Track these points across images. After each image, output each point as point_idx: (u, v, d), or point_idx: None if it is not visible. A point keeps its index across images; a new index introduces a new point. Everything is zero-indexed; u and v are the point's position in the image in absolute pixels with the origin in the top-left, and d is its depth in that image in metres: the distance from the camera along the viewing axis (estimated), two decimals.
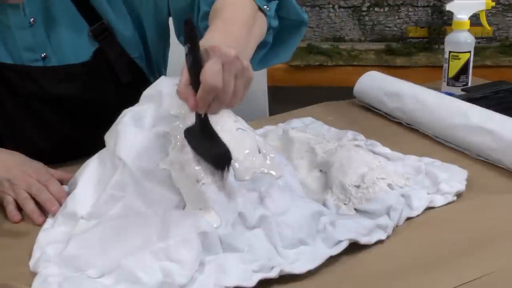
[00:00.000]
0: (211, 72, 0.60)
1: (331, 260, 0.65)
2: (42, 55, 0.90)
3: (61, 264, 0.65)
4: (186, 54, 0.62)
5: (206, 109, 0.63)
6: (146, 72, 1.00)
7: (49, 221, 0.76)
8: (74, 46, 0.92)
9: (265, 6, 0.81)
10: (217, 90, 0.61)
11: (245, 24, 0.74)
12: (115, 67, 0.94)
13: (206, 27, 0.81)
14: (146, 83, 0.85)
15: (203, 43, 0.65)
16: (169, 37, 1.04)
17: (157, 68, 1.05)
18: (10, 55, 0.89)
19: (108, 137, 0.79)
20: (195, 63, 0.61)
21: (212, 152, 0.67)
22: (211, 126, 0.67)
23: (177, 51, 1.12)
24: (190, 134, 0.68)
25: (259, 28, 0.80)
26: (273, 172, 0.72)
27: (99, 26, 0.91)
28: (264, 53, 0.89)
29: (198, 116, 0.66)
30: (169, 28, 1.02)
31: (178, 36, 1.00)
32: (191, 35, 0.61)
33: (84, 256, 0.65)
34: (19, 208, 0.80)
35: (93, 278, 0.62)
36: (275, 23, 0.86)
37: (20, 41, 0.88)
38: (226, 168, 0.67)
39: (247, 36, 0.74)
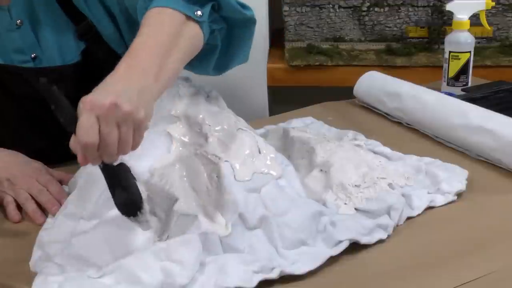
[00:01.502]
0: (82, 129, 0.58)
1: (331, 260, 0.65)
2: (32, 55, 0.90)
3: (61, 264, 0.65)
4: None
5: (96, 163, 0.62)
6: None
7: (49, 221, 0.76)
8: (61, 46, 0.91)
9: (198, 12, 0.74)
10: (93, 145, 0.59)
11: (162, 44, 0.68)
12: (103, 66, 0.94)
13: None
14: None
15: (107, 78, 0.63)
16: None
17: None
18: (1, 57, 0.89)
19: None
20: (69, 121, 0.60)
21: (119, 199, 0.66)
22: (117, 174, 0.65)
23: None
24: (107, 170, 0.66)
25: (189, 38, 0.73)
26: (273, 172, 0.72)
27: (84, 25, 0.91)
28: (216, 56, 0.84)
29: (100, 167, 0.64)
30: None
31: None
32: (50, 97, 0.60)
33: (84, 256, 0.65)
34: (19, 208, 0.80)
35: (93, 278, 0.62)
36: (217, 26, 0.80)
37: (9, 43, 0.88)
38: (133, 216, 0.67)
39: (163, 57, 0.68)
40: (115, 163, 0.64)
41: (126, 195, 0.66)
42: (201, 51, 0.77)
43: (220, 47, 0.83)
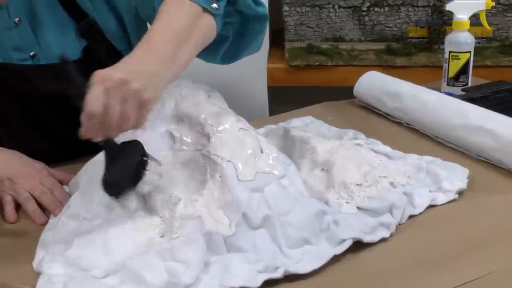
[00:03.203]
0: (89, 98, 0.61)
1: (333, 259, 0.66)
2: (31, 53, 0.90)
3: (65, 264, 0.65)
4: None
5: (94, 136, 0.64)
6: None
7: (52, 221, 0.76)
8: (62, 44, 0.91)
9: (214, 5, 0.76)
10: (96, 115, 0.61)
11: (178, 33, 0.71)
12: (104, 63, 0.94)
13: None
14: None
15: (123, 59, 0.66)
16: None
17: None
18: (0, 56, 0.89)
19: None
20: (79, 96, 0.63)
21: (108, 176, 0.68)
22: (115, 153, 0.68)
23: None
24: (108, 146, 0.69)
25: (204, 29, 0.76)
26: (276, 172, 0.73)
27: (86, 23, 0.91)
28: (225, 47, 0.86)
29: (100, 143, 0.67)
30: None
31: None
32: (65, 72, 0.64)
33: (88, 256, 0.65)
34: (18, 209, 0.80)
35: (98, 278, 0.62)
36: (231, 19, 0.83)
37: (7, 42, 0.88)
38: (115, 197, 0.69)
39: (178, 45, 0.71)
40: (118, 140, 0.67)
41: (116, 176, 0.68)
42: (212, 42, 0.79)
43: (232, 39, 0.86)
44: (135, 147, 0.70)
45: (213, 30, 0.77)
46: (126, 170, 0.69)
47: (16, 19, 0.88)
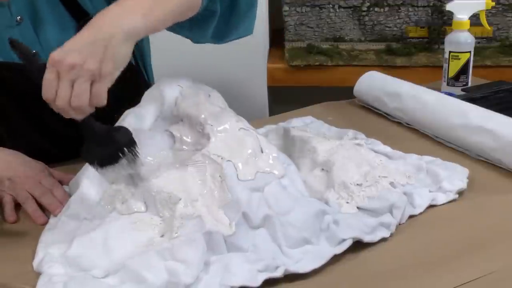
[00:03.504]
0: (43, 84, 0.64)
1: (333, 259, 0.66)
2: (32, 52, 0.90)
3: (65, 264, 0.65)
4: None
5: (73, 116, 0.66)
6: (135, 65, 1.00)
7: (52, 221, 0.76)
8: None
9: None
10: (51, 100, 0.64)
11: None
12: None
13: None
14: (138, 76, 0.84)
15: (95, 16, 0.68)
16: None
17: (143, 59, 1.05)
18: (0, 54, 0.89)
19: None
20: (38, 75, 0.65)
21: (93, 155, 0.71)
22: (88, 131, 0.70)
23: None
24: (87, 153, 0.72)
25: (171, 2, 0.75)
26: (276, 172, 0.73)
27: (86, 21, 0.91)
28: (214, 23, 0.86)
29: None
30: None
31: None
32: (21, 53, 0.66)
33: (88, 256, 0.65)
34: (18, 209, 0.80)
35: (98, 278, 0.62)
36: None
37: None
38: (130, 150, 0.70)
39: (154, 2, 0.71)
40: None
41: (86, 154, 0.71)
42: (200, 16, 0.79)
43: (222, 16, 0.85)
44: (121, 134, 0.72)
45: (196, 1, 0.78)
46: (96, 151, 0.71)
47: (18, 18, 0.88)
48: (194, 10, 0.78)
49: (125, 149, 0.70)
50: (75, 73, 0.63)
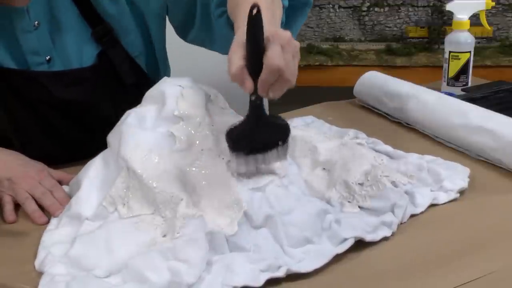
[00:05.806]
0: (276, 54, 0.63)
1: (335, 258, 0.66)
2: (47, 57, 0.90)
3: (67, 263, 0.65)
4: (246, 40, 0.65)
5: (266, 91, 0.66)
6: (148, 72, 1.01)
7: (54, 222, 0.76)
8: (78, 49, 0.92)
9: None
10: (281, 71, 0.64)
11: (270, 8, 0.75)
12: (119, 69, 0.94)
13: (221, 13, 0.85)
14: (149, 84, 0.85)
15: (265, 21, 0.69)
16: (165, 28, 1.04)
17: (159, 66, 1.05)
18: (14, 60, 0.89)
19: (112, 137, 0.79)
20: (257, 48, 0.64)
21: (232, 130, 0.70)
22: (264, 112, 0.70)
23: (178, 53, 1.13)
24: (233, 133, 0.70)
25: (279, 9, 0.81)
26: (277, 171, 0.73)
27: (102, 28, 0.92)
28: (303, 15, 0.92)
29: (253, 101, 0.69)
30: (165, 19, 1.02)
31: (176, 29, 1.01)
32: (255, 23, 0.64)
33: (90, 256, 0.65)
34: (17, 208, 0.80)
35: (100, 277, 0.62)
36: (286, 2, 0.87)
37: (25, 45, 0.88)
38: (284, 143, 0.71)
39: (273, 19, 0.74)
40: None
41: (235, 135, 0.70)
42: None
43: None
44: (279, 127, 0.72)
45: (282, 10, 0.83)
46: (251, 134, 0.70)
47: (36, 22, 0.88)
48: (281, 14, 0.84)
49: (280, 141, 0.71)
50: (293, 48, 0.66)
